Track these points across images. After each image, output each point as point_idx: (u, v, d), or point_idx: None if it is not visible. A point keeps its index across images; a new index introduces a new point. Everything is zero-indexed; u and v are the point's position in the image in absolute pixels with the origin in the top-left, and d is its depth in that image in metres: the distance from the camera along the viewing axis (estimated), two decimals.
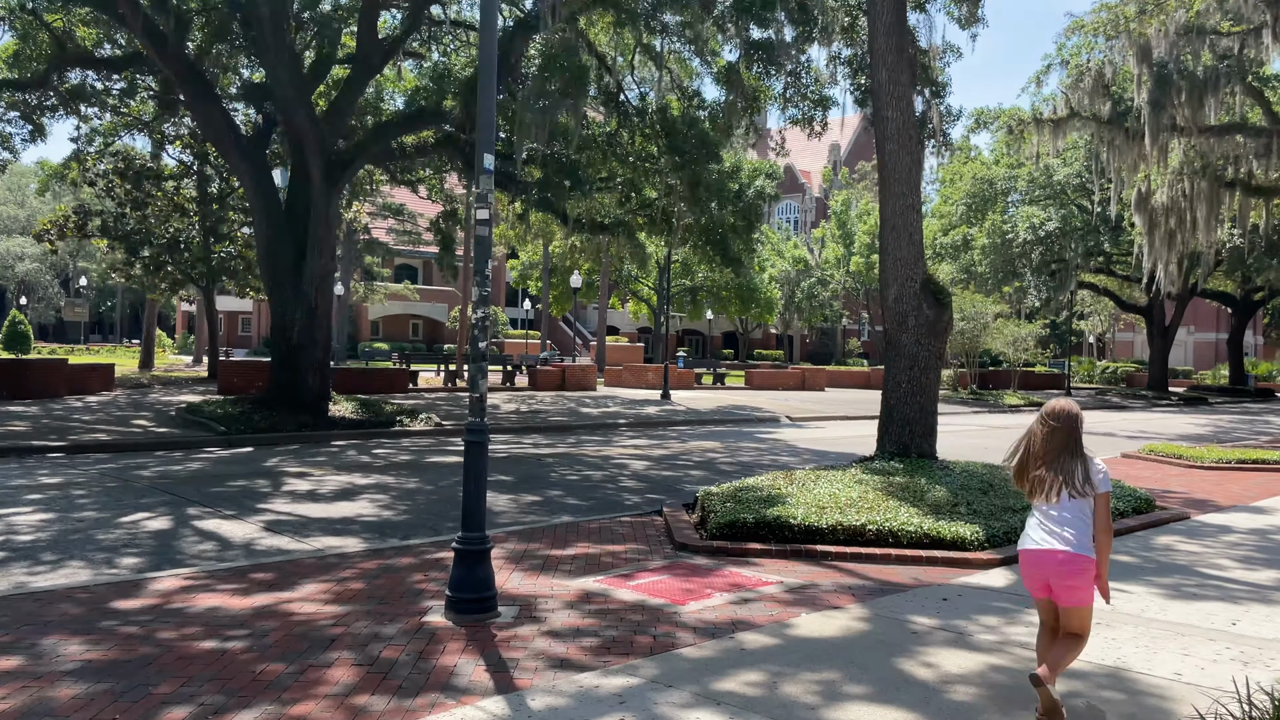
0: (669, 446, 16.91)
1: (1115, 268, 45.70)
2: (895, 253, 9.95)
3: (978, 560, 7.34)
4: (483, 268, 5.70)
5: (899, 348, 10.00)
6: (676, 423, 22.07)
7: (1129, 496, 9.72)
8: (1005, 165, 45.40)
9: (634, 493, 11.43)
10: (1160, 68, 24.42)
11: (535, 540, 8.13)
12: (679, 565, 7.14)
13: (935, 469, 9.66)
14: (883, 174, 10.17)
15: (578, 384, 31.36)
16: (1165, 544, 8.31)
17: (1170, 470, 14.31)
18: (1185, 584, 6.79)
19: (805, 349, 75.55)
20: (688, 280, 52.60)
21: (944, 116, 14.53)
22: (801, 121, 17.12)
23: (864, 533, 7.67)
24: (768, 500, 8.35)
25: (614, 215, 25.65)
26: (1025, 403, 34.17)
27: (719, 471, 13.55)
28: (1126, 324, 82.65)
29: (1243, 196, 26.73)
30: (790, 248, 63.81)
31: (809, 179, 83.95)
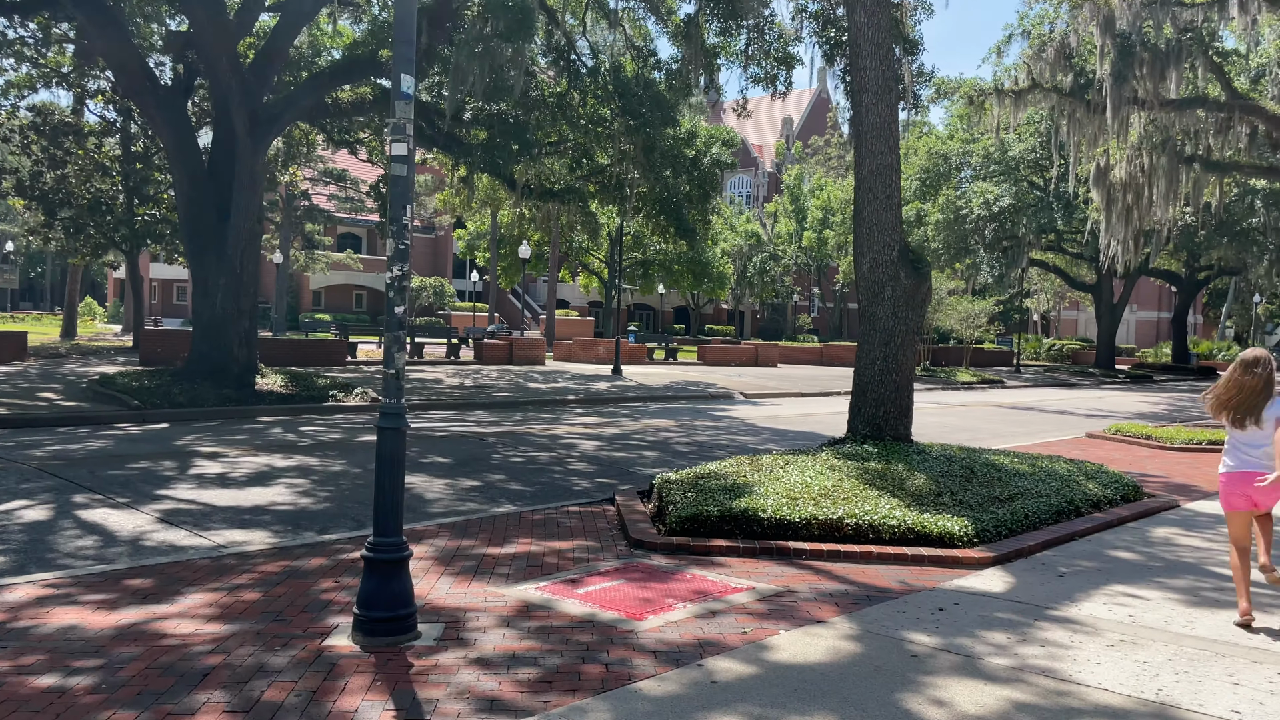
0: (621, 425, 15.98)
1: (1065, 245, 45.66)
2: (872, 216, 9.08)
3: (969, 559, 6.53)
4: (399, 215, 4.67)
5: (874, 321, 9.16)
6: (628, 399, 21.14)
7: (1116, 483, 9.03)
8: (959, 141, 45.02)
9: (583, 476, 10.49)
10: (1123, 39, 23.89)
11: (470, 535, 7.15)
12: (634, 567, 6.22)
13: (912, 453, 8.86)
14: (858, 130, 9.28)
15: (526, 358, 30.27)
16: (1164, 537, 7.60)
17: (1141, 452, 13.76)
18: (1201, 587, 6.05)
19: (756, 324, 75.05)
20: (640, 253, 51.57)
21: (915, 77, 13.72)
22: (764, 80, 16.16)
23: (841, 527, 6.82)
24: (733, 490, 7.46)
25: (564, 181, 24.52)
26: (978, 380, 33.86)
27: (674, 452, 12.67)
28: (1071, 302, 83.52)
29: (1201, 172, 26.42)
30: (743, 222, 63.01)
31: (761, 153, 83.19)
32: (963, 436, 15.83)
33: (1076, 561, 6.68)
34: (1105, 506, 8.46)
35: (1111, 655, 4.66)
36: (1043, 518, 7.62)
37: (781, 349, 41.01)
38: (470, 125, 22.34)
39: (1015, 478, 8.44)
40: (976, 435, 16.21)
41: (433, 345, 33.74)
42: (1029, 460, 9.44)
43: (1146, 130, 26.29)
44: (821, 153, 71.09)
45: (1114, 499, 8.68)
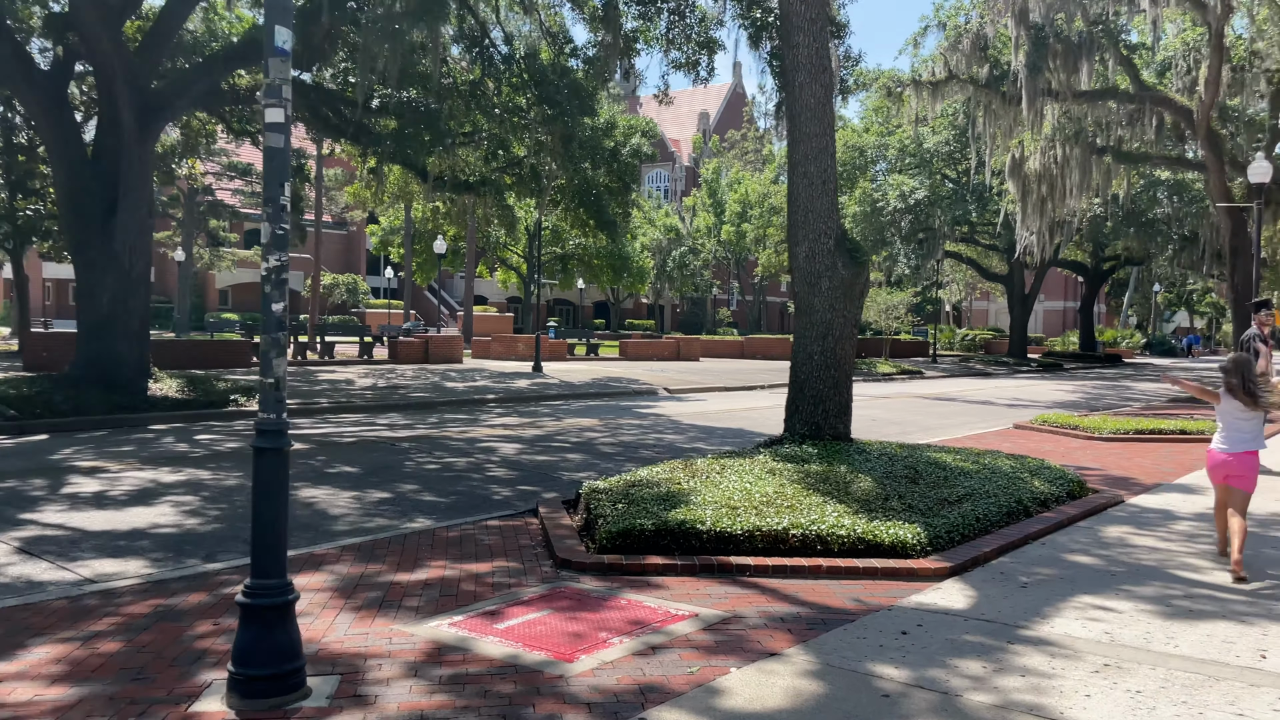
0: (543, 425, 15.27)
1: (978, 237, 46.38)
2: (807, 202, 8.57)
3: (925, 570, 6.04)
4: (276, 194, 3.92)
5: (811, 314, 8.65)
6: (550, 397, 20.42)
7: (1061, 479, 8.70)
8: (875, 134, 45.32)
9: (504, 484, 9.77)
10: (1037, 31, 24.04)
11: (378, 558, 6.39)
12: (562, 593, 5.55)
13: (853, 453, 8.37)
14: (791, 112, 8.75)
15: (443, 356, 29.24)
16: (1118, 537, 7.25)
17: (1071, 443, 13.62)
18: (1171, 595, 5.66)
19: (676, 319, 74.85)
20: (559, 248, 50.71)
21: (843, 61, 13.32)
22: (686, 65, 15.60)
23: (787, 538, 6.26)
24: (667, 499, 6.85)
25: (479, 173, 23.65)
26: (898, 371, 34.01)
27: (600, 454, 12.02)
28: (982, 293, 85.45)
29: (1113, 163, 26.83)
30: (661, 216, 62.63)
31: (678, 147, 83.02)
32: (892, 431, 15.55)
33: (1036, 569, 6.25)
34: (1053, 505, 8.11)
35: (1100, 685, 4.17)
36: (994, 520, 7.20)
37: (703, 343, 40.70)
38: (379, 114, 21.30)
39: (961, 477, 8.03)
40: (905, 429, 15.95)
41: (345, 344, 32.45)
42: (971, 457, 9.06)
43: (1060, 122, 26.59)
44: (738, 147, 71.19)
45: (1061, 496, 8.34)
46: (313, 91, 21.16)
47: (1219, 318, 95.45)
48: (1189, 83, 25.53)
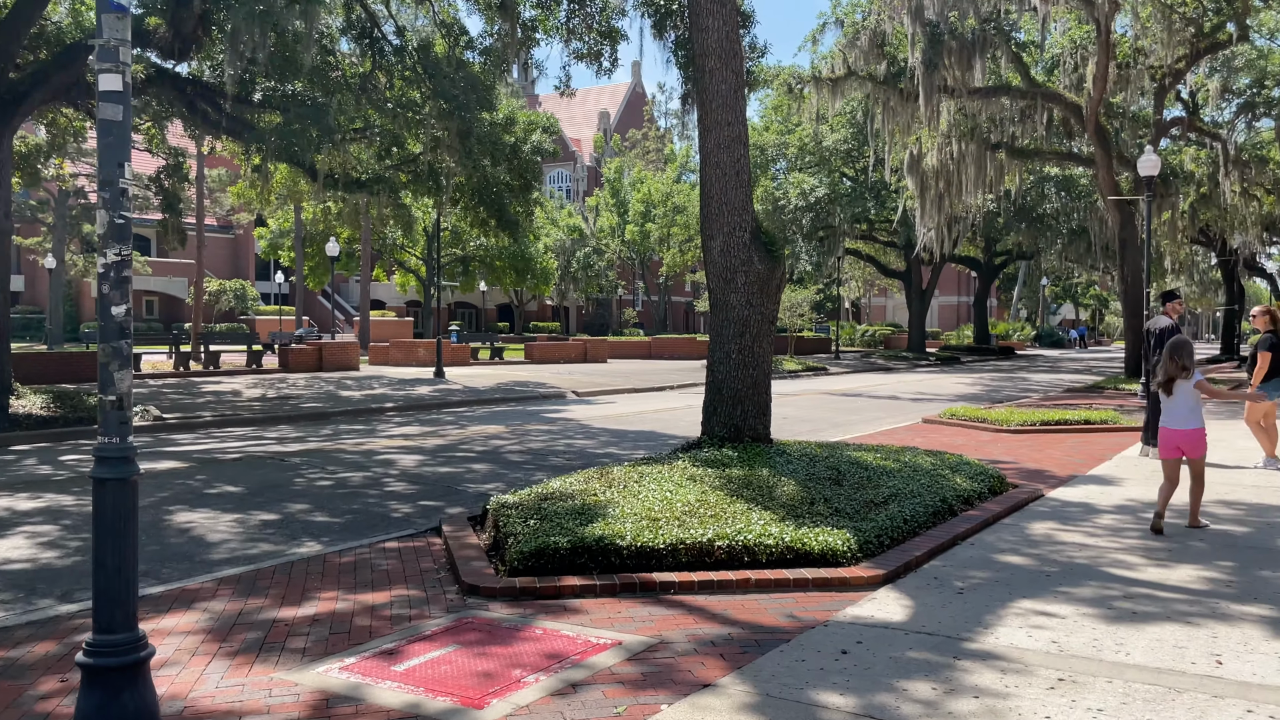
0: (446, 434, 14.57)
1: (877, 234, 47.19)
2: (720, 195, 8.18)
3: (857, 579, 5.69)
4: (114, 175, 3.28)
5: (727, 310, 8.27)
6: (453, 404, 19.67)
7: (981, 475, 8.53)
8: (775, 132, 45.64)
9: (404, 500, 9.12)
10: (933, 28, 24.36)
11: (259, 592, 5.72)
12: (469, 624, 5.00)
13: (774, 455, 8.02)
14: (701, 100, 8.36)
15: (338, 363, 28.08)
16: (1045, 534, 7.06)
17: (981, 436, 13.64)
18: (1110, 595, 5.43)
19: (582, 320, 74.30)
20: (459, 249, 49.58)
21: (749, 51, 13.02)
22: (588, 56, 15.10)
23: (713, 551, 5.84)
24: (583, 513, 6.35)
25: (372, 171, 22.67)
26: (804, 368, 34.22)
27: (507, 463, 11.43)
28: (880, 289, 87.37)
29: (1006, 159, 27.42)
30: (564, 216, 62.02)
31: (580, 147, 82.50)
32: (804, 429, 15.37)
33: (969, 572, 5.97)
34: (977, 502, 7.92)
35: (1058, 704, 3.86)
36: (921, 521, 6.93)
37: (610, 344, 40.31)
38: (262, 108, 20.19)
39: (884, 476, 7.75)
40: (817, 427, 15.80)
41: (233, 353, 30.91)
42: (891, 455, 8.83)
43: (956, 118, 27.05)
44: (640, 146, 71.04)
45: (983, 493, 8.16)
46: (189, 85, 19.95)
47: (1102, 309, 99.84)
48: (1076, 80, 26.26)
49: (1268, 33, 29.09)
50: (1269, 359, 9.91)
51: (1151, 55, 24.64)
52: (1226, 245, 39.77)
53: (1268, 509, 7.89)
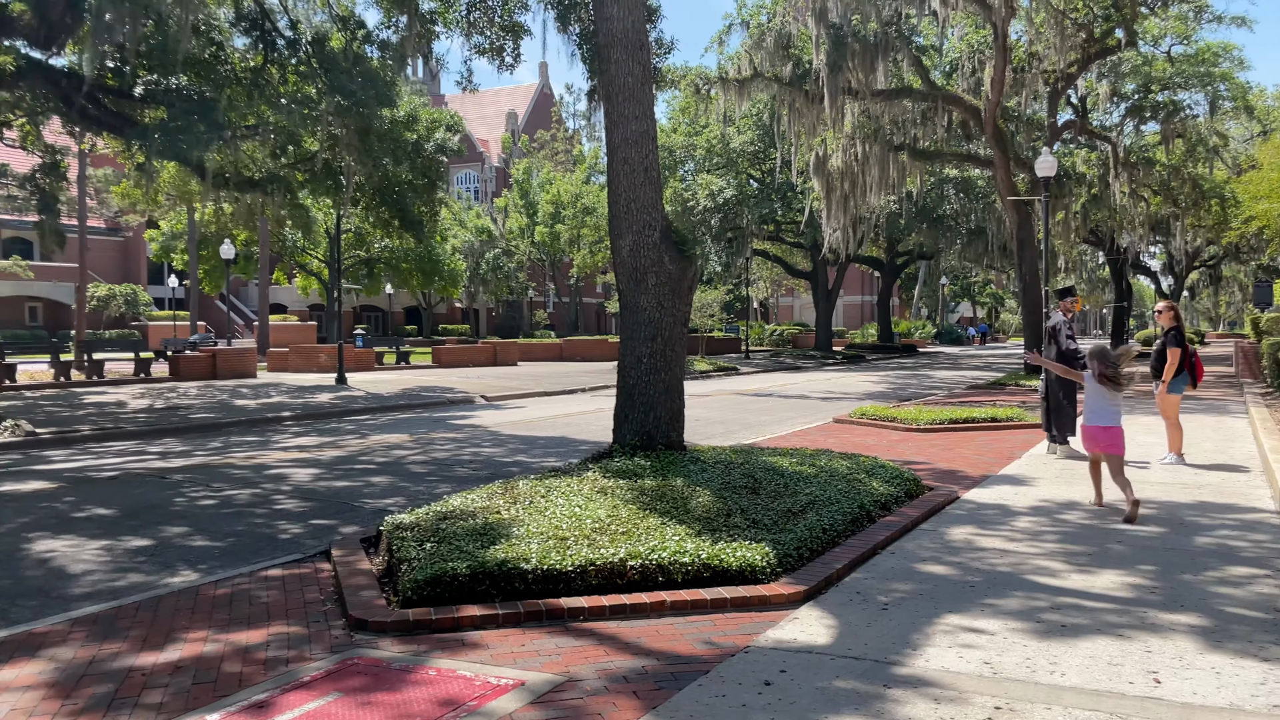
0: (345, 444, 13.87)
1: (784, 234, 47.61)
2: (629, 192, 7.81)
3: (778, 597, 5.38)
4: None
5: (638, 313, 7.90)
6: (355, 412, 18.88)
7: (898, 479, 8.35)
8: (683, 134, 45.65)
9: (294, 519, 8.49)
10: (836, 30, 24.52)
11: (118, 634, 5.10)
12: (355, 666, 4.50)
13: (688, 463, 7.69)
14: (607, 93, 7.98)
15: (233, 371, 26.82)
16: (964, 539, 6.89)
17: (892, 435, 13.60)
18: (1037, 606, 5.24)
19: (493, 323, 73.25)
20: (363, 251, 48.20)
21: (656, 47, 12.70)
22: (490, 51, 14.58)
23: (625, 571, 5.46)
24: (484, 533, 5.90)
25: (267, 169, 21.67)
26: (714, 368, 34.19)
27: (410, 475, 10.86)
28: (787, 289, 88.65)
29: (909, 160, 27.81)
30: (472, 218, 61.01)
31: (487, 148, 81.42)
32: (717, 430, 15.16)
33: (893, 585, 5.72)
34: (894, 507, 7.72)
35: None
36: (841, 530, 6.68)
37: (521, 346, 39.68)
38: (145, 103, 19.07)
39: (801, 483, 7.49)
40: (730, 428, 15.61)
41: (120, 362, 29.28)
42: (807, 459, 8.59)
43: (860, 120, 27.32)
44: (549, 147, 70.42)
45: (900, 497, 7.97)
46: (64, 78, 18.72)
47: (998, 307, 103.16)
48: (974, 83, 26.80)
49: (1152, 39, 30.21)
50: (1179, 355, 10.03)
51: (1045, 60, 25.27)
52: (1115, 244, 41.28)
53: (1178, 507, 7.90)
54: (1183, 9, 27.29)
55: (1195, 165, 32.46)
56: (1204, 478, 9.29)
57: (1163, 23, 29.04)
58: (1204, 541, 6.65)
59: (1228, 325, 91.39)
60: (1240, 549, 6.41)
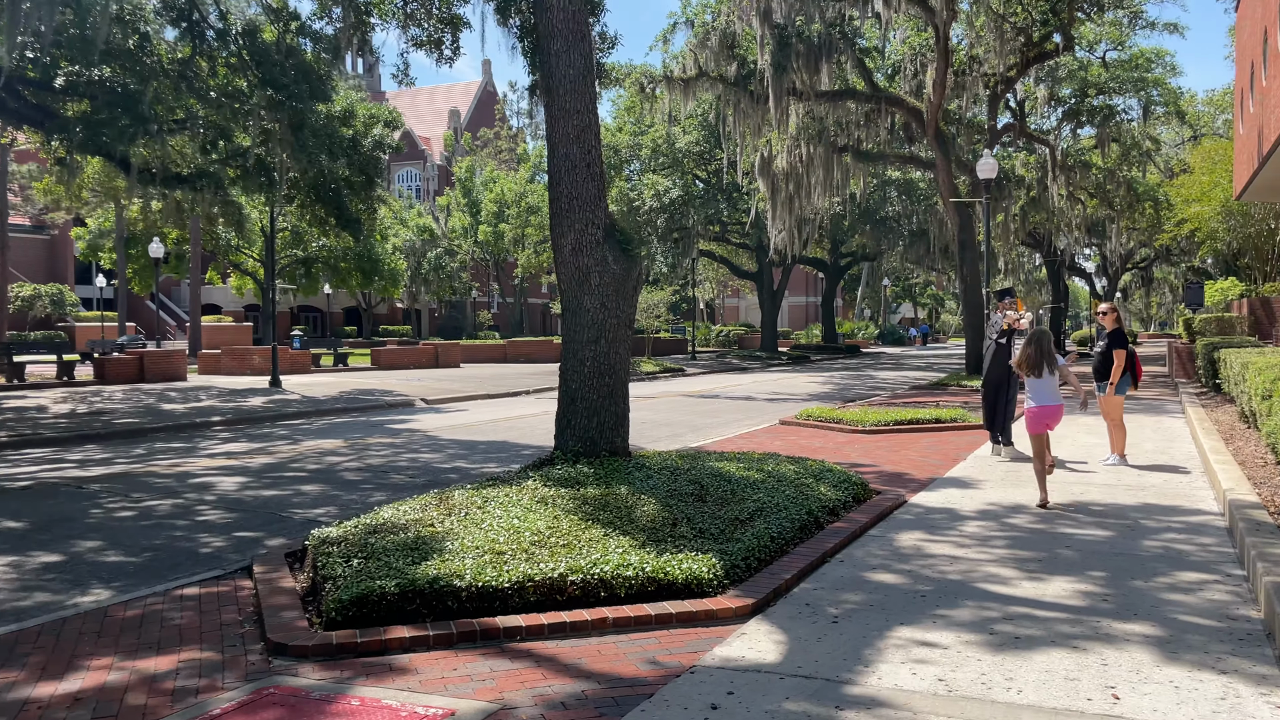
0: (277, 451, 13.37)
1: (730, 235, 47.66)
2: (570, 189, 7.54)
3: (725, 611, 5.16)
4: None
5: (580, 314, 7.63)
6: (288, 416, 18.30)
7: (845, 483, 8.19)
8: (628, 133, 45.45)
9: (218, 531, 8.06)
10: (781, 30, 24.50)
11: (15, 662, 4.70)
12: (270, 697, 4.17)
13: (633, 470, 7.44)
14: (548, 87, 7.70)
15: (162, 374, 25.93)
16: (914, 546, 6.74)
17: (839, 437, 13.51)
18: (990, 617, 5.09)
19: (435, 323, 72.25)
20: (301, 250, 47.08)
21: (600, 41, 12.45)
22: (428, 44, 14.15)
23: (565, 587, 5.19)
24: (416, 547, 5.58)
25: (196, 165, 20.95)
26: (661, 369, 34.03)
27: (343, 483, 10.45)
28: (733, 290, 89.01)
29: (852, 162, 27.93)
30: (414, 216, 60.03)
31: (430, 146, 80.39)
32: (663, 433, 14.96)
33: (842, 595, 5.54)
34: (842, 512, 7.56)
35: None
36: (789, 538, 6.49)
37: (464, 348, 39.10)
38: (67, 95, 18.29)
39: (749, 489, 7.29)
40: (676, 431, 15.41)
41: (44, 364, 28.13)
42: (754, 464, 8.40)
43: (804, 121, 27.35)
44: (492, 145, 69.68)
45: (848, 501, 7.82)
46: None
47: (938, 308, 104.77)
48: (917, 85, 27.00)
49: (1088, 45, 30.76)
50: (1124, 357, 10.05)
51: (986, 63, 25.55)
52: (1053, 246, 42.02)
53: (1124, 509, 7.86)
54: (1118, 14, 27.82)
55: (1130, 169, 33.16)
56: (1147, 479, 9.31)
57: (1099, 28, 29.59)
58: (1152, 545, 6.59)
59: (1159, 326, 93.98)
60: (1188, 553, 6.35)
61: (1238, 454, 9.73)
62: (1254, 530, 6.17)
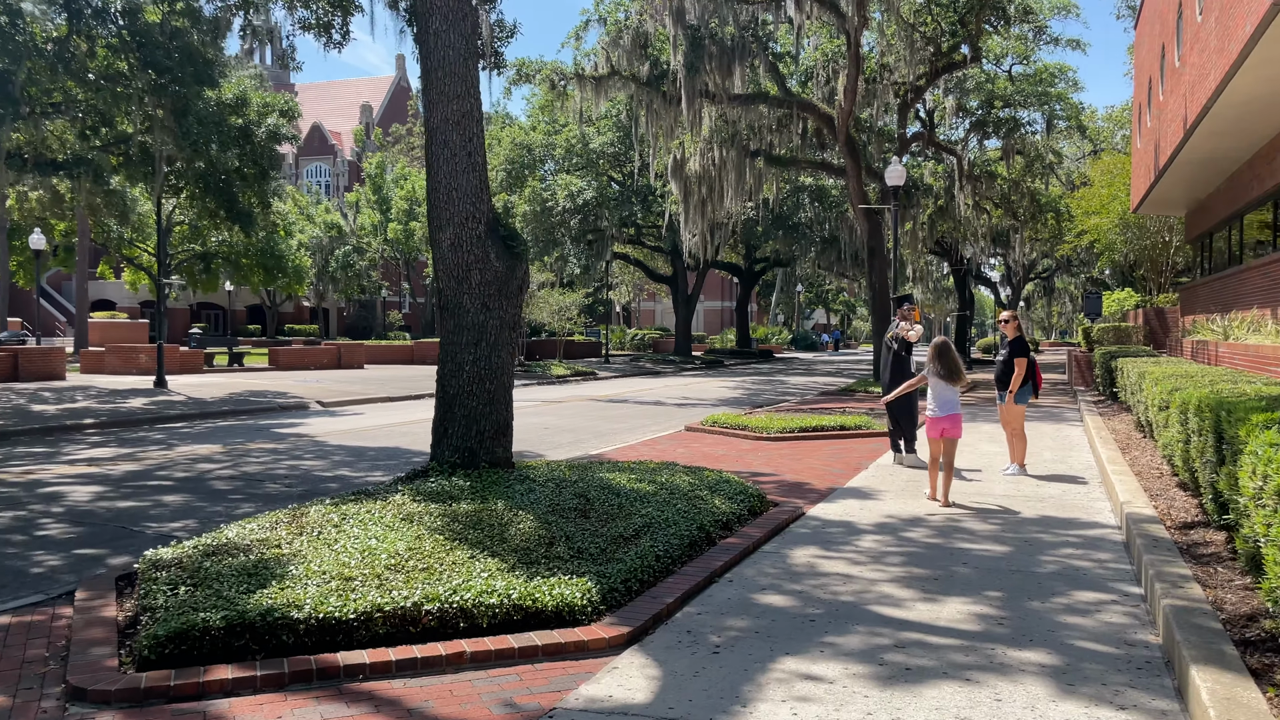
0: (146, 457, 12.45)
1: (645, 238, 47.40)
2: (449, 179, 7.00)
3: (597, 641, 4.71)
4: None
5: (460, 315, 7.10)
6: (169, 419, 17.25)
7: (742, 494, 7.84)
8: (542, 132, 44.85)
9: (56, 548, 7.28)
10: (694, 31, 24.27)
11: None
12: None
13: (515, 483, 6.94)
14: (427, 67, 7.15)
15: (38, 372, 24.35)
16: (808, 563, 6.40)
17: (742, 444, 13.21)
18: (880, 644, 4.74)
19: (344, 323, 70.35)
20: (198, 244, 45.17)
21: (496, 30, 11.92)
22: (316, 27, 13.41)
23: (419, 618, 4.67)
24: (255, 572, 4.99)
25: (74, 151, 19.67)
26: (572, 372, 33.51)
27: (210, 493, 9.68)
28: (649, 294, 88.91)
29: (765, 166, 27.86)
30: (321, 212, 58.30)
31: (340, 141, 78.39)
32: (565, 439, 14.47)
33: (727, 621, 5.14)
34: (737, 526, 7.20)
35: None
36: (677, 556, 6.08)
37: (369, 349, 37.93)
38: None
39: (638, 503, 6.87)
40: (579, 436, 14.94)
41: None
42: (648, 474, 7.98)
43: (717, 124, 27.18)
44: (404, 141, 68.18)
45: (744, 514, 7.46)
46: None
47: (850, 315, 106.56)
48: (829, 92, 27.08)
49: (995, 58, 31.35)
50: (1025, 365, 9.94)
51: (896, 71, 25.74)
52: (959, 255, 42.83)
53: (1022, 523, 7.67)
54: (1023, 29, 28.36)
55: (1033, 180, 33.91)
56: (1045, 489, 9.19)
57: (1005, 42, 30.15)
58: (1049, 561, 6.38)
59: (1059, 334, 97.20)
60: (1085, 570, 6.14)
61: (1134, 464, 9.70)
62: (1151, 547, 5.99)
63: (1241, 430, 4.23)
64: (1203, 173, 18.37)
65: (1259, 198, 16.02)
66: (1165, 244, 28.60)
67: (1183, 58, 16.12)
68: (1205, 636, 4.28)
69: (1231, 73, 11.91)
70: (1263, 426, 4.05)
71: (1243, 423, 4.31)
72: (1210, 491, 5.83)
